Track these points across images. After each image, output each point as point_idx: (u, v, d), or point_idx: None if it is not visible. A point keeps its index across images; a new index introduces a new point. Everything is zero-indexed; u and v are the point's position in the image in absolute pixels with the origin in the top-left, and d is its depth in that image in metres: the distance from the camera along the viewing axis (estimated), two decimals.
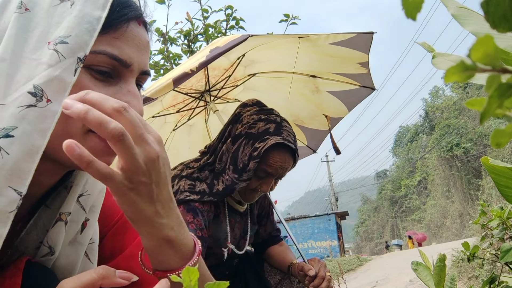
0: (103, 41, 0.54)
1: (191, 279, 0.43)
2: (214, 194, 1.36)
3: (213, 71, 2.04)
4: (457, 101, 32.92)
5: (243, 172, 1.33)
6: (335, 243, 18.30)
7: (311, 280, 1.37)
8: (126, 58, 0.56)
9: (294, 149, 1.35)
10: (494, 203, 5.54)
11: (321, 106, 2.31)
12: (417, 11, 0.25)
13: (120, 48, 0.55)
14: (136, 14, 0.58)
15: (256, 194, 1.43)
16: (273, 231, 1.73)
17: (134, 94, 0.57)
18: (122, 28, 0.56)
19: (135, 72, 0.58)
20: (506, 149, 16.41)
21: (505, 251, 0.85)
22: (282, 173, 1.38)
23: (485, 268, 3.43)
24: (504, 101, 0.23)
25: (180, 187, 1.37)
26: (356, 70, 2.05)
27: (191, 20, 3.31)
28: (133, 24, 0.58)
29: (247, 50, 1.93)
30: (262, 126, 1.34)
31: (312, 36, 1.82)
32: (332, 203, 29.22)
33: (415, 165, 39.50)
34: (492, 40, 0.21)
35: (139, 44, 0.58)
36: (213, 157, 1.44)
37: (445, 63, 0.55)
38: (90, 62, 0.54)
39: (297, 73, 2.14)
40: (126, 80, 0.57)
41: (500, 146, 0.27)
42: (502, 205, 1.11)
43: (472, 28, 0.55)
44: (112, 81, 0.56)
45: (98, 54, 0.54)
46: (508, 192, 0.75)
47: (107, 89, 0.55)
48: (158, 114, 2.10)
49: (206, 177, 1.41)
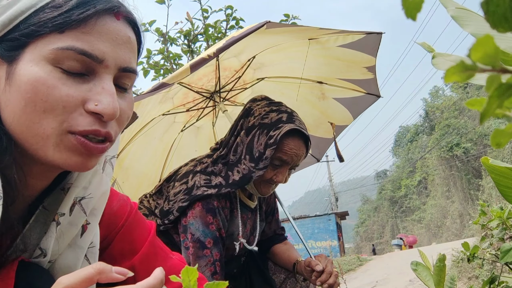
0: (71, 36, 0.52)
1: (190, 279, 0.43)
2: (231, 184, 1.37)
3: (224, 72, 2.05)
4: (457, 101, 32.92)
5: (259, 160, 1.34)
6: (335, 243, 18.30)
7: (318, 275, 1.36)
8: (97, 53, 0.53)
9: (307, 136, 1.38)
10: (494, 203, 5.53)
11: (327, 113, 2.30)
12: (417, 11, 0.25)
13: (90, 42, 0.53)
14: (108, 6, 0.55)
15: (271, 186, 1.44)
16: (278, 229, 1.73)
17: (108, 91, 0.54)
18: (91, 22, 0.53)
19: (111, 68, 0.56)
20: (506, 149, 16.40)
21: (505, 251, 0.86)
22: (297, 160, 1.40)
23: (485, 268, 3.43)
24: (504, 101, 0.23)
25: (196, 182, 1.37)
26: (363, 75, 2.05)
27: (191, 20, 3.31)
28: (108, 18, 0.55)
29: (258, 52, 1.93)
30: (275, 116, 1.37)
31: (322, 38, 1.81)
32: (332, 203, 29.21)
33: (415, 165, 39.49)
34: (492, 40, 0.21)
35: (115, 39, 0.55)
36: (226, 149, 1.46)
37: (445, 63, 0.55)
38: (59, 59, 0.52)
39: (304, 79, 2.14)
40: (100, 77, 0.55)
41: (500, 146, 0.27)
42: (502, 205, 1.11)
43: (471, 29, 0.55)
44: (86, 78, 0.54)
45: (66, 50, 0.52)
46: (508, 192, 0.75)
47: (79, 87, 0.53)
48: (168, 112, 2.10)
49: (220, 170, 1.42)
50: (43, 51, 0.52)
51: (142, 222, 0.80)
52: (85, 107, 0.53)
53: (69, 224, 0.61)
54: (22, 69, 0.52)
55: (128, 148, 1.94)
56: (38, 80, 0.51)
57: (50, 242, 0.58)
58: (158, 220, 1.43)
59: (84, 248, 0.64)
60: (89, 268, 0.47)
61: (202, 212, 1.32)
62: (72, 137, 0.53)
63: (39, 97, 0.51)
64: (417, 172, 38.48)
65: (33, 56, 0.52)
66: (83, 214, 0.62)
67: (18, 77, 0.52)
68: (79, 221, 0.62)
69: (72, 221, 0.61)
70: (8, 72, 0.53)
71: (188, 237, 1.31)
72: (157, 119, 2.05)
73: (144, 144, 2.07)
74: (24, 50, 0.52)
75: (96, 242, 0.67)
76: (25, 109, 0.52)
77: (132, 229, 0.76)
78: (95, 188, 0.64)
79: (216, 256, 1.30)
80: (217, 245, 1.32)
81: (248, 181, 1.36)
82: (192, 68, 1.36)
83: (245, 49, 1.89)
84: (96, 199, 0.64)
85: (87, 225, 0.64)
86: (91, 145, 0.54)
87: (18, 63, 0.52)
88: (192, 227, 1.31)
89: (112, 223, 0.74)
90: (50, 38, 0.52)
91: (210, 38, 3.36)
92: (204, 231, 1.31)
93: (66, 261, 0.62)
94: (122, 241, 0.75)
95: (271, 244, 1.69)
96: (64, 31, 0.52)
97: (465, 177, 28.93)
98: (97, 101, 0.53)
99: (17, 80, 0.52)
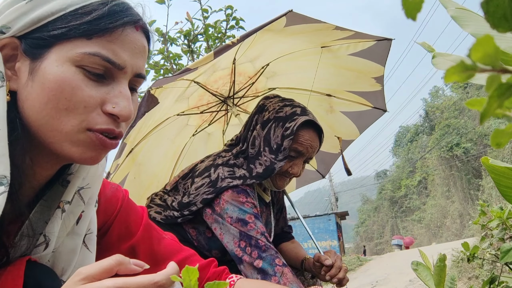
0: (98, 43, 0.57)
1: (191, 279, 0.43)
2: (255, 176, 1.37)
3: (239, 77, 2.06)
4: (457, 101, 32.91)
5: (278, 152, 1.35)
6: (335, 243, 18.30)
7: (328, 270, 1.36)
8: (119, 61, 0.59)
9: (321, 129, 1.40)
10: (494, 203, 5.53)
11: (334, 127, 2.29)
12: (417, 11, 0.25)
13: (114, 51, 0.58)
14: (133, 19, 0.61)
15: (286, 179, 1.45)
16: (285, 227, 1.74)
17: (125, 95, 0.60)
18: (117, 32, 0.58)
19: (128, 74, 0.61)
20: (506, 149, 16.39)
21: (505, 251, 0.86)
22: (311, 152, 1.41)
23: (485, 268, 3.43)
24: (504, 101, 0.23)
25: (220, 175, 1.36)
26: (371, 86, 2.06)
27: (191, 20, 3.31)
28: (130, 29, 0.60)
29: (272, 59, 1.95)
30: (289, 110, 1.39)
31: (334, 46, 1.83)
32: (332, 203, 29.21)
33: (415, 165, 39.49)
34: (492, 40, 0.21)
35: (134, 48, 0.61)
36: (245, 144, 1.46)
37: (445, 63, 0.55)
38: (84, 62, 0.56)
39: (314, 91, 2.15)
40: (118, 81, 0.60)
41: (500, 146, 0.27)
42: (502, 205, 1.11)
43: (471, 30, 0.55)
44: (105, 81, 0.59)
45: (93, 55, 0.56)
46: (508, 192, 0.75)
47: (99, 89, 0.58)
48: (183, 112, 2.11)
49: (242, 163, 1.43)
50: (70, 53, 0.56)
51: (135, 207, 0.85)
52: (103, 108, 0.58)
53: (69, 213, 0.64)
54: (47, 68, 0.56)
55: (143, 143, 1.94)
56: (64, 80, 0.55)
57: (56, 228, 0.61)
58: (176, 212, 1.41)
59: (81, 234, 0.67)
60: (109, 260, 0.49)
61: (234, 195, 1.30)
62: (91, 134, 0.58)
63: (63, 95, 0.55)
64: (417, 172, 38.48)
65: (58, 57, 0.56)
66: (82, 203, 0.66)
67: (43, 74, 0.55)
68: (77, 210, 0.66)
69: (71, 210, 0.65)
70: (31, 68, 0.56)
71: (228, 222, 1.27)
72: (171, 118, 2.06)
73: (157, 142, 2.07)
74: (50, 50, 0.56)
75: (94, 229, 0.71)
76: (46, 105, 0.55)
77: (127, 213, 0.82)
78: (92, 179, 0.68)
79: (262, 228, 1.27)
80: (259, 219, 1.29)
81: (271, 172, 1.36)
82: (215, 54, 1.37)
83: (261, 55, 1.91)
84: (93, 189, 0.69)
85: (82, 213, 0.67)
86: (108, 141, 0.59)
87: (43, 61, 0.56)
88: (228, 211, 1.28)
89: (109, 209, 0.79)
90: (77, 42, 0.56)
91: (210, 38, 3.36)
92: (241, 209, 1.28)
93: (65, 248, 0.65)
94: (119, 226, 0.80)
95: (278, 242, 1.69)
96: (92, 37, 0.57)
97: (465, 177, 28.93)
98: (115, 103, 0.59)
99: (42, 77, 0.55)
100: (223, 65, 1.89)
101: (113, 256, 0.49)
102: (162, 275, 0.47)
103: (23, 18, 0.56)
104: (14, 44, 0.57)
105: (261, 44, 1.75)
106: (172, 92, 1.78)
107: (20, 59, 0.57)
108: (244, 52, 1.81)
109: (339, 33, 1.67)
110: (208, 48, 3.38)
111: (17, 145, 0.55)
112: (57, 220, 0.62)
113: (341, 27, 1.61)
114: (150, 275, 0.47)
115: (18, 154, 0.55)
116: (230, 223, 1.27)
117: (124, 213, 0.81)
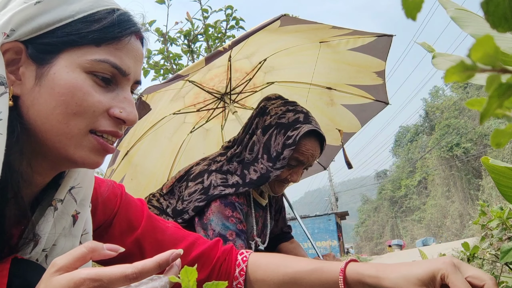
0: (107, 50, 0.59)
1: (189, 279, 0.43)
2: (248, 183, 1.36)
3: (235, 73, 2.05)
4: (457, 101, 32.92)
5: (277, 160, 1.34)
6: (335, 243, 18.30)
7: None
8: (125, 68, 0.61)
9: (323, 136, 1.38)
10: (494, 203, 5.53)
11: (335, 120, 2.28)
12: (417, 11, 0.25)
13: (121, 58, 0.61)
14: (137, 29, 0.64)
15: (284, 185, 1.45)
16: (285, 227, 1.73)
17: (129, 100, 0.63)
18: (125, 40, 0.61)
19: (131, 81, 0.64)
20: (506, 149, 16.40)
21: (505, 251, 0.85)
22: (312, 161, 1.40)
23: (485, 268, 3.43)
24: (504, 101, 0.23)
25: (212, 182, 1.36)
26: (372, 80, 2.04)
27: (191, 20, 3.31)
28: (133, 38, 0.63)
29: (269, 54, 1.93)
30: (292, 116, 1.37)
31: (332, 41, 1.80)
32: (332, 203, 29.20)
33: (415, 165, 39.48)
34: (492, 40, 0.21)
35: (136, 56, 0.64)
36: (241, 148, 1.45)
37: (445, 63, 0.55)
38: (94, 69, 0.58)
39: (314, 84, 2.13)
40: (122, 87, 0.63)
41: (500, 146, 0.27)
42: (502, 205, 1.11)
43: (471, 30, 0.55)
44: (110, 87, 0.61)
45: (102, 62, 0.59)
46: (508, 192, 0.74)
47: (106, 95, 0.60)
48: (179, 111, 2.10)
49: (235, 168, 1.41)
50: (80, 60, 0.57)
51: (133, 201, 0.86)
52: (110, 112, 0.61)
53: (62, 213, 0.65)
54: (58, 74, 0.57)
55: (138, 144, 1.93)
56: (75, 86, 0.57)
57: (48, 226, 0.61)
58: (171, 219, 1.41)
59: (78, 236, 0.68)
60: (81, 248, 0.49)
61: (221, 207, 1.31)
62: (92, 137, 0.60)
63: (74, 100, 0.57)
64: (417, 172, 38.48)
65: (68, 63, 0.57)
66: (74, 203, 0.67)
67: (52, 80, 0.56)
68: (70, 210, 0.66)
69: (63, 209, 0.65)
70: (39, 73, 0.57)
71: (210, 234, 1.29)
72: (167, 117, 2.05)
73: (153, 142, 2.07)
74: (59, 55, 0.57)
75: (89, 229, 0.72)
76: (54, 110, 0.56)
77: (127, 209, 0.82)
78: (82, 178, 0.69)
79: (241, 247, 1.27)
80: (240, 237, 1.29)
81: (266, 180, 1.35)
82: (207, 60, 1.37)
83: (257, 51, 1.90)
84: (85, 189, 0.69)
85: (78, 214, 0.68)
86: (108, 145, 0.61)
87: (51, 67, 0.57)
88: (213, 223, 1.29)
89: (108, 208, 0.79)
90: (87, 49, 0.58)
91: (210, 38, 3.36)
92: (224, 224, 1.29)
93: (62, 250, 0.65)
94: (120, 222, 0.81)
95: (278, 243, 1.69)
96: (101, 45, 0.59)
97: (465, 177, 28.94)
98: (122, 108, 0.61)
99: (51, 83, 0.56)
100: (218, 63, 1.87)
101: (85, 244, 0.50)
102: (134, 267, 0.47)
103: (30, 22, 0.55)
104: (18, 48, 0.56)
105: (256, 42, 1.74)
106: (166, 94, 1.77)
107: (23, 64, 0.57)
108: (239, 50, 1.79)
109: (336, 31, 1.66)
110: (208, 48, 3.38)
111: (17, 150, 0.55)
112: (48, 219, 0.62)
113: (339, 26, 1.60)
114: (123, 265, 0.47)
115: (17, 159, 0.55)
116: (211, 236, 1.29)
117: (123, 209, 0.82)
